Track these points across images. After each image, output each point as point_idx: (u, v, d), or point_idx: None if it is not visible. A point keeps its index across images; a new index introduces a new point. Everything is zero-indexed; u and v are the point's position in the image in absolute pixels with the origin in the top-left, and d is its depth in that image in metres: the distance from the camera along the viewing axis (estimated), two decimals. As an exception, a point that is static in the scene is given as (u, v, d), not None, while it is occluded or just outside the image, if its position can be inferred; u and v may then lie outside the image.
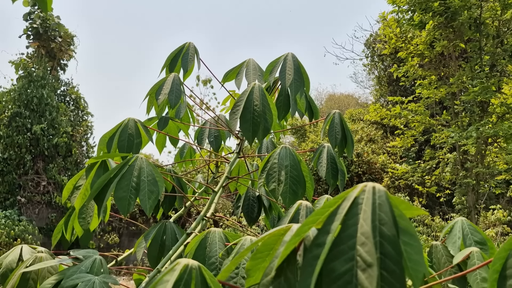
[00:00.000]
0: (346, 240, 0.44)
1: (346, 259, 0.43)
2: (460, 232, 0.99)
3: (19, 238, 8.44)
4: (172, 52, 1.44)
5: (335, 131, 1.33)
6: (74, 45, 11.20)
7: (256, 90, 1.17)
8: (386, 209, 0.45)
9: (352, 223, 0.45)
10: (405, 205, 0.49)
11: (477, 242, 0.97)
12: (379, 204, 0.46)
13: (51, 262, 1.10)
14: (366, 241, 0.43)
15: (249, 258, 0.60)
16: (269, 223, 1.64)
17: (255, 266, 0.61)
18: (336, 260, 0.43)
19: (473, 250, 0.90)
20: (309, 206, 0.91)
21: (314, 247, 0.46)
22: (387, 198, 0.46)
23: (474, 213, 8.03)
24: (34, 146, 9.86)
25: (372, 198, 0.46)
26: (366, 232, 0.43)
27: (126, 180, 1.05)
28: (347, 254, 0.43)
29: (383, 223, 0.44)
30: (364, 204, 0.46)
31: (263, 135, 1.12)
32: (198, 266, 0.62)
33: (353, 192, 0.48)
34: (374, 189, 0.47)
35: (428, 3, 7.62)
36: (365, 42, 14.35)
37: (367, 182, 0.49)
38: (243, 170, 1.75)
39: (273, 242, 0.59)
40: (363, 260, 0.42)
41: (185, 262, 0.61)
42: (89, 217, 1.26)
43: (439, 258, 1.04)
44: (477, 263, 0.87)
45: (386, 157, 11.52)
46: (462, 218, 1.02)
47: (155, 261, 1.27)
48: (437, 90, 8.36)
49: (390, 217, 0.44)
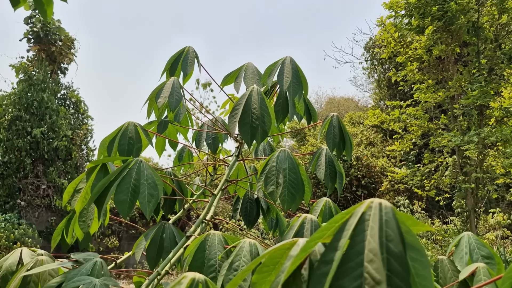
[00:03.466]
0: (354, 257, 0.44)
1: (354, 277, 0.43)
2: (467, 247, 0.99)
3: (18, 241, 8.43)
4: (172, 56, 1.46)
5: (333, 134, 1.34)
6: (74, 48, 11.23)
7: (255, 93, 1.18)
8: (393, 226, 0.46)
9: (360, 240, 0.45)
10: (411, 221, 0.49)
11: (484, 257, 0.97)
12: (385, 221, 0.46)
13: (52, 265, 1.11)
14: (374, 258, 0.43)
15: (255, 272, 0.60)
16: (267, 225, 1.65)
17: (261, 279, 0.61)
18: (344, 278, 0.43)
19: (480, 266, 0.90)
20: (314, 219, 0.91)
21: (322, 264, 0.46)
22: (393, 214, 0.47)
23: (474, 217, 8.03)
24: (34, 149, 9.86)
25: (379, 214, 0.47)
26: (373, 249, 0.44)
27: (126, 183, 1.06)
28: (356, 271, 0.43)
29: (390, 239, 0.44)
30: (371, 221, 0.46)
31: (262, 138, 1.14)
32: (204, 280, 0.63)
33: (360, 208, 0.49)
34: (380, 206, 0.48)
35: (426, 8, 7.66)
36: (365, 46, 14.40)
37: (373, 198, 0.49)
38: (242, 173, 1.76)
39: (279, 256, 0.60)
40: (371, 277, 0.42)
41: (192, 276, 0.62)
42: (90, 220, 1.27)
43: (446, 273, 1.03)
44: (484, 279, 0.87)
45: (385, 161, 11.52)
46: (468, 233, 1.02)
47: (154, 262, 1.28)
48: (435, 94, 8.38)
49: (397, 233, 0.45)
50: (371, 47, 13.92)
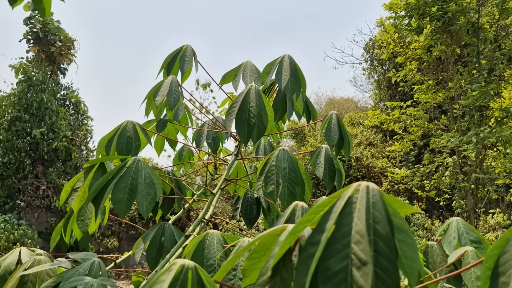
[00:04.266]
0: (340, 239, 0.44)
1: (341, 257, 0.43)
2: (456, 231, 0.99)
3: (18, 242, 8.42)
4: (170, 54, 1.45)
5: (332, 132, 1.33)
6: (74, 49, 11.23)
7: (253, 91, 1.17)
8: (380, 208, 0.45)
9: (347, 222, 0.45)
10: (399, 203, 0.49)
11: (472, 241, 0.97)
12: (373, 203, 0.46)
13: (50, 265, 1.10)
14: (360, 239, 0.43)
15: (246, 258, 0.60)
16: (267, 224, 1.64)
17: (251, 266, 0.61)
18: (331, 259, 0.43)
19: (468, 249, 0.90)
20: (305, 206, 0.91)
21: (309, 245, 0.46)
22: (381, 197, 0.47)
23: (473, 217, 8.02)
24: (34, 150, 9.86)
25: (366, 197, 0.47)
26: (360, 231, 0.44)
27: (123, 182, 1.05)
28: (342, 252, 0.43)
29: (377, 221, 0.44)
30: (358, 203, 0.46)
31: (258, 136, 1.13)
32: (194, 266, 0.63)
33: (347, 191, 0.49)
34: (368, 188, 0.48)
35: (425, 8, 7.66)
36: (365, 46, 14.40)
37: (361, 181, 0.49)
38: (241, 172, 1.75)
39: (269, 242, 0.60)
40: (357, 258, 0.42)
41: (181, 262, 0.62)
42: (88, 220, 1.26)
43: (435, 258, 1.04)
44: (472, 261, 0.88)
45: (385, 161, 11.52)
46: (457, 218, 1.02)
47: (154, 262, 1.28)
48: (435, 95, 8.38)
49: (384, 215, 0.45)
50: (371, 47, 13.92)
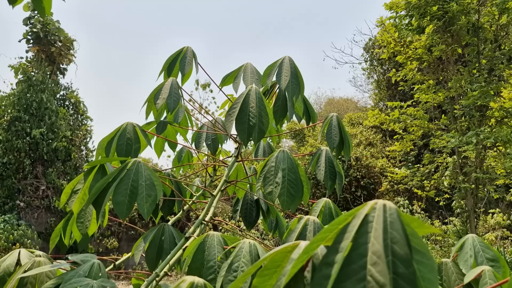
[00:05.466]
0: (357, 260, 0.43)
1: (357, 279, 0.42)
2: (472, 249, 0.98)
3: (18, 242, 8.41)
4: (170, 56, 1.45)
5: (332, 134, 1.33)
6: (73, 49, 11.23)
7: (253, 93, 1.17)
8: (397, 227, 0.44)
9: (363, 242, 0.44)
10: (417, 223, 0.48)
11: (488, 260, 0.95)
12: (390, 222, 0.45)
13: (49, 267, 1.10)
14: (377, 260, 0.42)
15: (256, 275, 0.59)
16: (267, 226, 1.64)
17: (261, 283, 0.60)
18: (347, 280, 0.42)
19: (485, 269, 0.89)
20: (316, 221, 0.89)
21: (324, 266, 0.45)
22: (398, 216, 0.45)
23: (473, 217, 8.02)
24: (34, 150, 9.85)
25: (383, 216, 0.45)
26: (377, 251, 0.43)
27: (124, 184, 1.05)
28: (359, 274, 0.42)
29: (395, 241, 0.43)
30: (375, 222, 0.45)
31: (259, 137, 1.13)
32: (203, 283, 0.62)
33: (363, 209, 0.48)
34: (385, 207, 0.46)
35: (426, 8, 7.65)
36: (364, 46, 14.40)
37: (377, 200, 0.48)
38: (241, 173, 1.75)
39: (280, 259, 0.58)
40: (375, 280, 0.41)
41: (191, 280, 0.61)
42: (88, 222, 1.26)
43: (450, 276, 1.02)
44: (489, 282, 0.86)
45: (385, 161, 11.52)
46: (472, 235, 1.00)
47: (153, 264, 1.27)
48: (435, 95, 8.38)
49: (402, 235, 0.44)
50: (371, 47, 13.92)
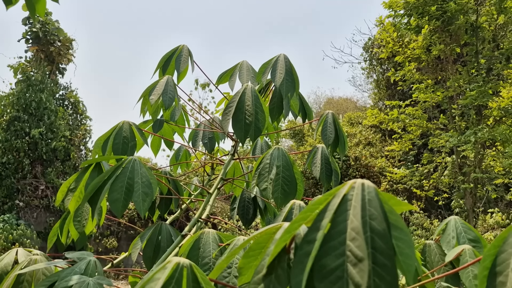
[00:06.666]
0: (336, 236, 0.44)
1: (337, 255, 0.43)
2: (454, 231, 0.99)
3: (17, 242, 8.41)
4: (165, 54, 1.45)
5: (328, 131, 1.34)
6: (73, 49, 11.22)
7: (249, 91, 1.18)
8: (376, 205, 0.45)
9: (342, 219, 0.45)
10: (394, 200, 0.49)
11: (470, 240, 0.97)
12: (368, 200, 0.46)
13: (45, 264, 1.10)
14: (356, 236, 0.43)
15: (241, 257, 0.60)
16: (265, 224, 1.65)
17: (247, 264, 0.61)
18: (327, 256, 0.43)
19: (466, 248, 0.90)
20: (302, 205, 0.91)
21: (305, 244, 0.46)
22: (376, 194, 0.47)
23: (472, 217, 8.03)
24: (33, 150, 9.85)
25: (362, 194, 0.47)
26: (356, 228, 0.44)
27: (120, 182, 1.05)
28: (338, 249, 0.43)
29: (373, 218, 0.44)
30: (354, 200, 0.46)
31: (255, 135, 1.13)
32: (189, 264, 0.63)
33: (343, 189, 0.49)
34: (363, 186, 0.48)
35: (424, 7, 7.66)
36: (364, 46, 14.40)
37: (356, 179, 0.49)
38: (238, 172, 1.76)
39: (265, 241, 0.60)
40: (354, 255, 0.42)
41: (176, 261, 0.62)
42: (84, 220, 1.26)
43: (433, 257, 1.04)
44: (469, 260, 0.88)
45: (384, 161, 11.52)
46: (455, 217, 1.02)
47: (151, 262, 1.28)
48: (434, 94, 8.38)
49: (380, 212, 0.45)
50: (370, 47, 13.92)
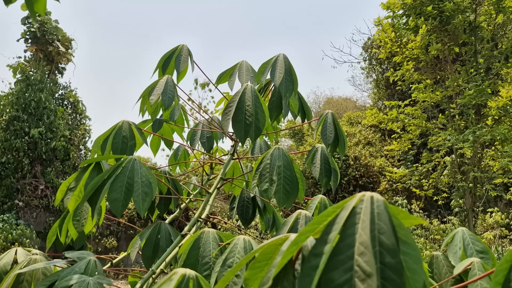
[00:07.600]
0: (344, 250, 0.44)
1: (345, 269, 0.42)
2: (461, 242, 0.99)
3: (16, 242, 8.41)
4: (165, 54, 1.45)
5: (328, 131, 1.34)
6: (72, 48, 11.21)
7: (248, 91, 1.18)
8: (384, 219, 0.45)
9: (351, 233, 0.45)
10: (403, 214, 0.49)
11: (478, 252, 0.96)
12: (377, 214, 0.45)
13: (44, 263, 1.10)
14: (365, 250, 0.43)
15: (248, 268, 0.60)
16: (264, 224, 1.65)
17: (253, 276, 0.60)
18: (334, 270, 0.43)
19: (474, 261, 0.89)
20: (308, 215, 0.90)
21: (313, 256, 0.46)
22: (385, 207, 0.46)
23: (472, 216, 8.04)
24: (32, 150, 9.85)
25: (371, 207, 0.46)
26: (365, 242, 0.43)
27: (119, 181, 1.05)
28: (346, 264, 0.43)
29: (382, 232, 0.44)
30: (363, 214, 0.46)
31: (256, 135, 1.13)
32: (195, 276, 0.62)
33: (351, 201, 0.48)
34: (372, 199, 0.47)
35: (422, 8, 7.66)
36: (363, 46, 14.40)
37: (365, 192, 0.49)
38: (237, 171, 1.76)
39: (271, 252, 0.59)
40: (362, 270, 0.42)
41: (183, 272, 0.61)
42: (84, 220, 1.26)
43: (440, 268, 1.03)
44: (478, 273, 0.87)
45: (383, 160, 11.53)
46: (462, 228, 1.02)
47: (149, 262, 1.28)
48: (433, 94, 8.38)
49: (389, 226, 0.44)
50: (369, 47, 13.93)
